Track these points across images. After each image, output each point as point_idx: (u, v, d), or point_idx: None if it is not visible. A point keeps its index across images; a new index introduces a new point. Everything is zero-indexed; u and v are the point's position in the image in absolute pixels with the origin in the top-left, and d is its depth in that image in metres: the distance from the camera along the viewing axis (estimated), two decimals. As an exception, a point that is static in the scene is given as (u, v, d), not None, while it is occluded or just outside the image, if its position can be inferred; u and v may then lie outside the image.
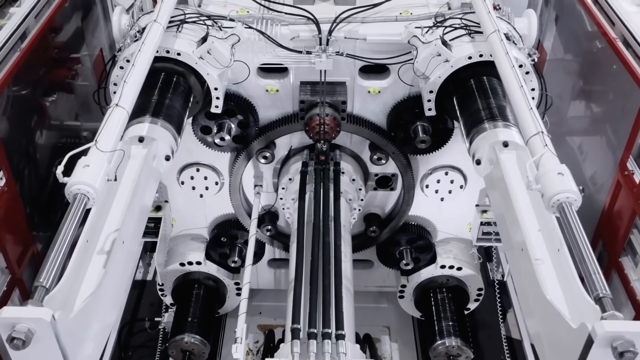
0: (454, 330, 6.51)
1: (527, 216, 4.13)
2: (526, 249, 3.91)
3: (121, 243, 3.97)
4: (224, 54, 5.20)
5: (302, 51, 5.41)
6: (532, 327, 3.90)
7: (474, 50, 5.11)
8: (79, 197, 3.62)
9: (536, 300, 3.70)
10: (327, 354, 4.45)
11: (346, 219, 5.93)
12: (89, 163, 3.74)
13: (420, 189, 6.43)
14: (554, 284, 3.70)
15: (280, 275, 7.38)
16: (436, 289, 6.84)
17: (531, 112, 4.16)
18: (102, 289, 3.64)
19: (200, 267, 6.84)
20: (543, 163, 3.82)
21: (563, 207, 3.61)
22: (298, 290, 4.91)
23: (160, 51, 5.08)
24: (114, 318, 3.92)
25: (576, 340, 3.14)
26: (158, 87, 5.09)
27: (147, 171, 4.54)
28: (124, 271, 4.08)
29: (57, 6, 6.77)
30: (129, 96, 4.27)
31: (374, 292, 7.72)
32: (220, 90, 5.31)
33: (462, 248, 6.92)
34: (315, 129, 5.52)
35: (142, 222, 4.62)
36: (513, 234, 4.19)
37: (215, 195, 6.51)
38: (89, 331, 3.53)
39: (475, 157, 4.76)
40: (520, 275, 4.04)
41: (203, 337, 6.51)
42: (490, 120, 4.80)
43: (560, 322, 3.38)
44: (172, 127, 4.87)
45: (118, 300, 3.97)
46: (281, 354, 4.63)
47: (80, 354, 3.37)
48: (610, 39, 6.41)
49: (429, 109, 5.40)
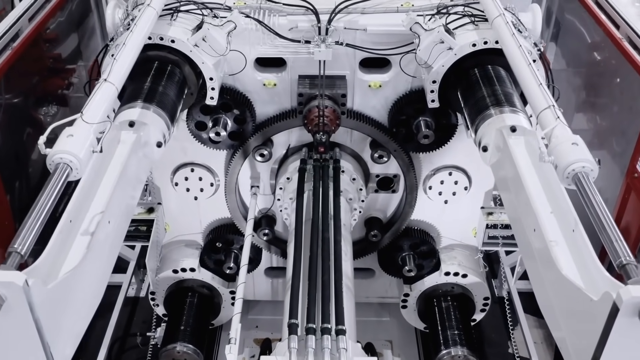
0: (459, 339, 6.19)
1: (539, 200, 3.89)
2: (539, 229, 3.66)
3: (107, 223, 3.72)
4: (220, 41, 5.02)
5: (300, 40, 5.23)
6: (548, 311, 3.61)
7: (479, 38, 4.94)
8: (61, 167, 3.40)
9: (551, 279, 3.44)
10: (326, 349, 4.16)
11: (346, 217, 5.69)
12: (74, 133, 3.52)
13: (423, 191, 6.20)
14: (570, 263, 3.44)
15: (277, 286, 7.09)
16: (440, 298, 6.55)
17: (541, 87, 3.96)
18: (84, 267, 3.38)
19: (194, 274, 6.56)
20: (556, 135, 3.61)
21: (579, 178, 3.39)
22: (296, 286, 4.65)
23: (154, 38, 4.92)
24: (96, 301, 3.63)
25: (599, 313, 2.87)
26: (151, 75, 4.90)
27: (137, 156, 4.31)
28: (109, 252, 3.82)
29: (50, 9, 6.65)
30: (119, 73, 4.08)
31: (375, 304, 7.43)
32: (216, 81, 5.12)
33: (467, 255, 6.65)
34: (314, 121, 5.32)
35: (130, 207, 4.35)
36: (525, 218, 3.94)
37: (210, 198, 6.27)
38: (68, 310, 3.26)
39: (482, 144, 4.53)
40: (533, 258, 3.78)
41: (196, 347, 6.19)
42: (496, 106, 4.59)
43: (579, 297, 3.12)
44: (165, 114, 4.66)
45: (101, 282, 3.70)
46: (278, 351, 4.36)
47: (57, 332, 3.09)
48: (616, 39, 6.28)
49: (432, 100, 5.21)
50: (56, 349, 3.05)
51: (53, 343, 3.02)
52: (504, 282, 7.89)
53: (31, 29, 6.28)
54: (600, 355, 2.89)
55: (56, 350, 3.06)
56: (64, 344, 3.20)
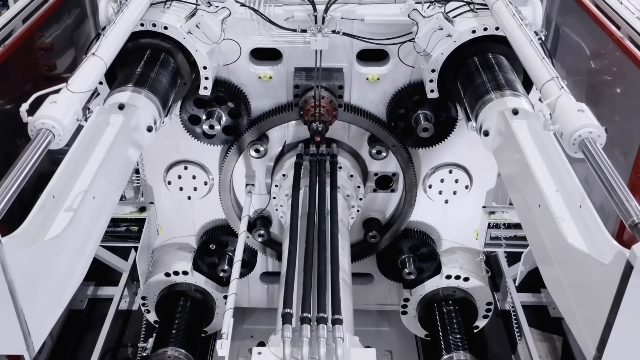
0: (462, 343, 5.94)
1: (543, 178, 3.72)
2: (545, 204, 3.49)
3: (91, 198, 3.54)
4: (214, 28, 4.91)
5: (296, 29, 5.12)
6: (555, 287, 3.41)
7: (478, 24, 4.83)
8: (43, 133, 3.24)
9: (558, 251, 3.26)
10: (322, 339, 3.95)
11: (344, 213, 5.51)
12: (58, 100, 3.38)
13: (422, 191, 6.03)
14: (576, 235, 3.26)
15: (273, 292, 6.86)
16: (441, 302, 6.32)
17: (543, 61, 3.83)
18: (66, 238, 3.21)
19: (187, 278, 6.35)
20: (560, 103, 3.47)
21: (586, 144, 3.23)
22: (291, 276, 4.46)
23: (147, 24, 4.81)
24: (76, 279, 3.43)
25: (611, 276, 2.70)
26: (143, 62, 4.78)
27: (126, 137, 4.15)
28: (93, 228, 3.63)
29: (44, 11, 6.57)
30: (108, 48, 3.96)
31: (374, 313, 7.19)
32: (210, 70, 4.99)
33: (469, 258, 6.46)
34: (311, 111, 5.18)
35: (117, 188, 4.16)
36: (529, 197, 3.77)
37: (204, 198, 6.11)
38: (46, 280, 3.07)
39: (483, 128, 4.38)
40: (538, 234, 3.60)
41: (188, 352, 5.95)
42: (497, 90, 4.45)
43: (588, 264, 2.94)
44: (157, 99, 4.52)
45: (83, 258, 3.50)
46: (272, 344, 4.15)
47: (32, 300, 2.90)
48: (617, 38, 6.19)
49: (431, 90, 5.08)
50: (31, 317, 2.86)
51: (28, 311, 2.83)
52: (508, 294, 7.69)
53: (24, 29, 6.19)
54: (614, 320, 2.71)
55: (31, 319, 2.86)
56: (40, 315, 3.00)
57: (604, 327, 2.78)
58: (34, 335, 2.90)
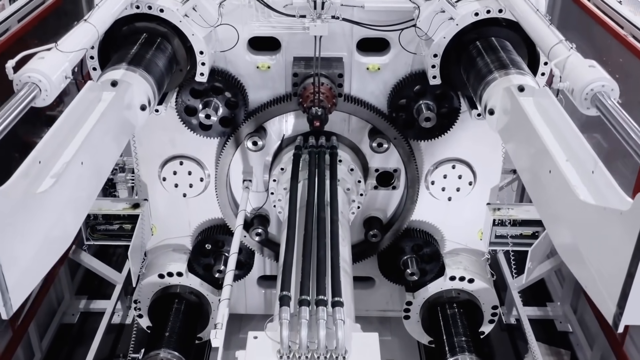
0: (467, 345, 5.69)
1: (554, 149, 3.55)
2: (555, 169, 3.32)
3: (79, 163, 3.37)
4: (211, 11, 4.82)
5: (295, 15, 5.02)
6: (568, 251, 3.22)
7: (481, 7, 4.72)
8: (28, 86, 3.09)
9: (572, 211, 3.08)
10: (321, 321, 3.74)
11: (344, 205, 5.32)
12: (46, 56, 3.24)
13: (425, 187, 5.86)
14: (590, 197, 3.09)
15: (271, 297, 6.61)
16: (445, 305, 6.08)
17: (550, 27, 3.71)
18: (50, 197, 3.03)
19: (181, 280, 6.12)
20: (570, 61, 3.33)
21: (599, 98, 3.08)
22: (289, 260, 4.26)
23: (142, 7, 4.70)
24: (60, 246, 3.23)
25: (631, 222, 2.52)
26: (139, 44, 4.66)
27: (118, 113, 4.00)
28: (80, 194, 3.44)
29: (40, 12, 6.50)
30: (100, 16, 3.84)
31: (375, 321, 6.92)
32: (206, 55, 4.87)
33: (474, 260, 6.25)
34: (310, 97, 5.03)
35: (107, 160, 3.97)
36: (539, 166, 3.60)
37: (199, 195, 5.93)
38: (27, 239, 2.87)
39: (488, 107, 4.23)
40: (550, 201, 3.42)
41: (181, 355, 5.68)
42: (501, 69, 4.31)
43: (605, 217, 2.76)
44: (151, 78, 4.38)
45: (67, 224, 3.31)
46: (269, 329, 3.93)
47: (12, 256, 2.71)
48: (621, 36, 6.12)
49: (433, 76, 4.95)
50: (10, 273, 2.66)
51: (7, 264, 2.64)
52: (513, 308, 7.45)
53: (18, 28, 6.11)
54: (635, 270, 2.51)
55: (10, 275, 2.66)
56: (20, 272, 2.79)
57: (625, 279, 2.59)
58: (12, 292, 2.69)
